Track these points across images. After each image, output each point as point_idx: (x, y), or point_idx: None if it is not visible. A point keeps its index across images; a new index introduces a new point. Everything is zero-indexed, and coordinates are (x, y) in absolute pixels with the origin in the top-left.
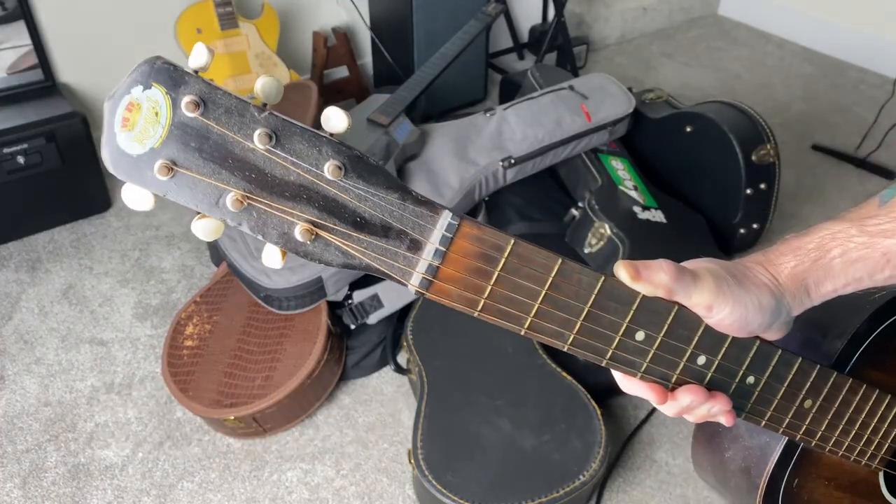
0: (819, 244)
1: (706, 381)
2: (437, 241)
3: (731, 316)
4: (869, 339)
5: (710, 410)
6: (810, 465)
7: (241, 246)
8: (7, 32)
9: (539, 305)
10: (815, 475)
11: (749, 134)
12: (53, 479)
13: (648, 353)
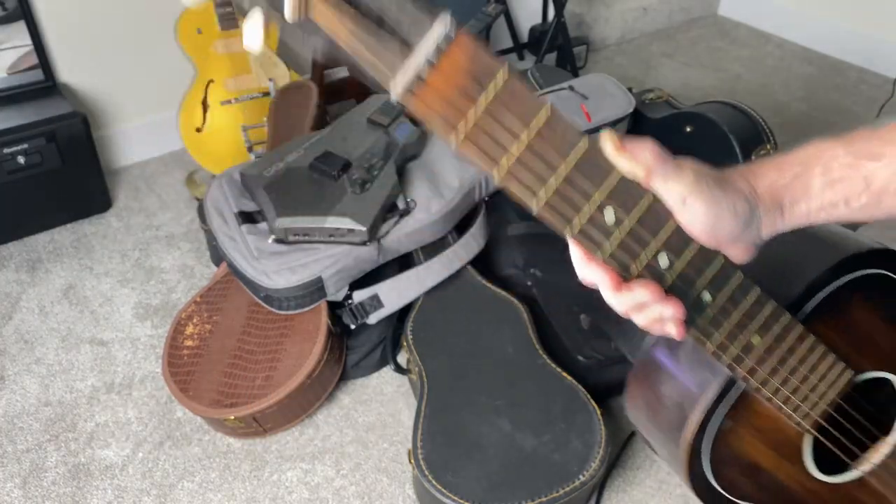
0: (803, 160)
1: (664, 285)
2: (430, 49)
3: (703, 216)
4: (826, 292)
5: (662, 313)
6: (745, 410)
7: (242, 246)
8: (7, 32)
9: (520, 151)
10: (747, 422)
11: (749, 134)
12: (54, 478)
13: (616, 237)
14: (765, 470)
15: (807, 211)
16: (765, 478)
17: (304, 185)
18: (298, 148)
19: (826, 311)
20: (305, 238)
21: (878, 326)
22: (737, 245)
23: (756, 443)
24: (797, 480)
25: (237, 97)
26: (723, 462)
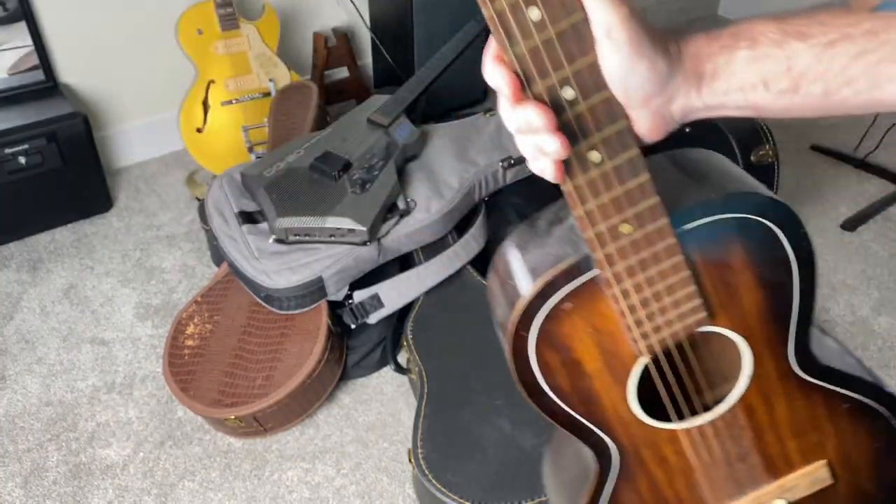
0: (734, 33)
1: (560, 118)
2: None
3: (622, 58)
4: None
5: (547, 145)
6: (589, 301)
7: (242, 246)
8: (8, 33)
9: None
10: (587, 315)
11: (748, 134)
12: (55, 478)
13: (532, 40)
14: (586, 374)
15: (725, 89)
16: (583, 382)
17: (305, 185)
18: (299, 148)
19: (705, 242)
20: (306, 238)
21: (749, 284)
22: (644, 111)
23: (588, 341)
24: (613, 402)
25: (238, 97)
26: (548, 341)
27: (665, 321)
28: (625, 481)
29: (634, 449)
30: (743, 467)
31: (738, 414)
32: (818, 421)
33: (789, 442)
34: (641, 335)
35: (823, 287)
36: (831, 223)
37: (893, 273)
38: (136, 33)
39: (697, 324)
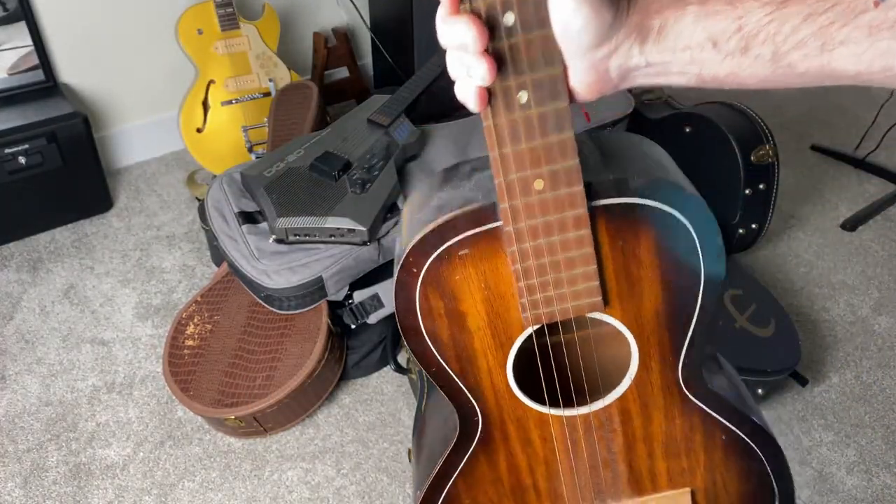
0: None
1: (493, 42)
2: None
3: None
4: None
5: (475, 67)
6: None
7: (242, 246)
8: (8, 33)
9: None
10: (481, 271)
11: (748, 134)
12: (55, 478)
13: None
14: (468, 330)
15: (672, 47)
16: (463, 338)
17: (305, 185)
18: (299, 148)
19: (617, 223)
20: (306, 238)
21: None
22: (582, 62)
23: (477, 297)
24: (489, 367)
25: (238, 98)
26: (437, 285)
27: (558, 295)
28: (484, 454)
29: (501, 422)
30: (607, 474)
31: (614, 415)
32: (693, 446)
33: (659, 461)
34: (531, 303)
35: (823, 287)
36: (831, 223)
37: (893, 273)
38: (137, 33)
39: (590, 308)
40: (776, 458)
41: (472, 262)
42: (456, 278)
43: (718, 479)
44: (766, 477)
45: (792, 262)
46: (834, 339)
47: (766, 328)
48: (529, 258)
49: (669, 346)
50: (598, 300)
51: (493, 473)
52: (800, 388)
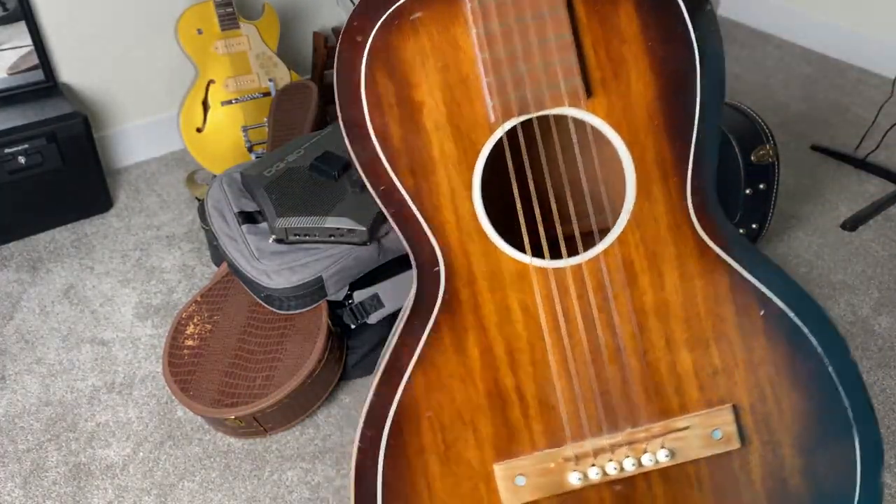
0: None
1: None
2: None
3: None
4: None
5: None
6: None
7: (242, 246)
8: (8, 33)
9: None
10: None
11: (748, 134)
12: (54, 478)
13: None
14: (423, 129)
15: None
16: (418, 139)
17: (305, 185)
18: (299, 148)
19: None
20: (306, 238)
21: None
22: None
23: (434, 80)
24: (450, 183)
25: (238, 97)
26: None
27: (530, 73)
28: (449, 330)
29: (469, 276)
30: (615, 374)
31: (614, 270)
32: (724, 327)
33: (682, 351)
34: (498, 85)
35: (823, 287)
36: (831, 223)
37: (893, 273)
38: (136, 33)
39: (571, 96)
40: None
41: (428, 32)
42: (408, 53)
43: (768, 390)
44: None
45: (792, 262)
46: None
47: None
48: (494, 19)
49: (671, 158)
50: (577, 82)
51: (462, 365)
52: None
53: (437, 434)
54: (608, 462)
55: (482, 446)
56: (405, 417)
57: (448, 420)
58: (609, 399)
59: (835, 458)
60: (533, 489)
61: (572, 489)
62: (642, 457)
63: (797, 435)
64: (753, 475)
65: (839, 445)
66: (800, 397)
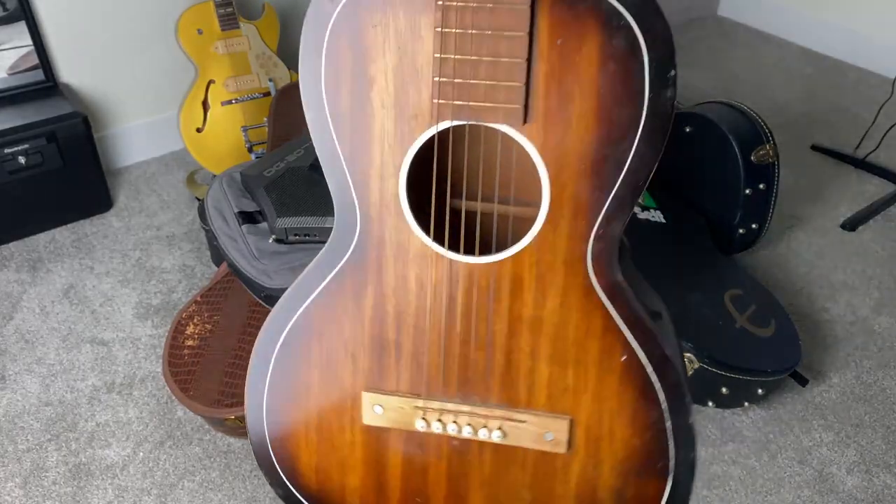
0: None
1: None
2: None
3: None
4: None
5: None
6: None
7: (242, 246)
8: (8, 33)
9: None
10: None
11: (748, 134)
12: (54, 478)
13: None
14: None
15: None
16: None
17: (305, 185)
18: (299, 148)
19: (562, 9)
20: (306, 238)
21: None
22: None
23: (389, 61)
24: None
25: (238, 97)
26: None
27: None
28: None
29: (379, 241)
30: (480, 359)
31: (503, 278)
32: (584, 357)
33: (542, 363)
34: (444, 85)
35: (823, 287)
36: (831, 223)
37: (893, 273)
38: (137, 33)
39: (508, 115)
40: (681, 419)
41: (395, 11)
42: (373, 29)
43: (606, 419)
44: (663, 440)
45: (792, 262)
46: (834, 339)
47: (766, 328)
48: (453, 21)
49: (586, 202)
50: (517, 108)
51: (356, 309)
52: (800, 388)
53: (322, 352)
54: (451, 423)
55: (356, 375)
56: (301, 330)
57: (334, 345)
58: (468, 376)
59: (643, 492)
60: (387, 419)
61: (417, 431)
62: (480, 429)
63: (619, 461)
64: (570, 477)
65: (652, 483)
66: (632, 435)
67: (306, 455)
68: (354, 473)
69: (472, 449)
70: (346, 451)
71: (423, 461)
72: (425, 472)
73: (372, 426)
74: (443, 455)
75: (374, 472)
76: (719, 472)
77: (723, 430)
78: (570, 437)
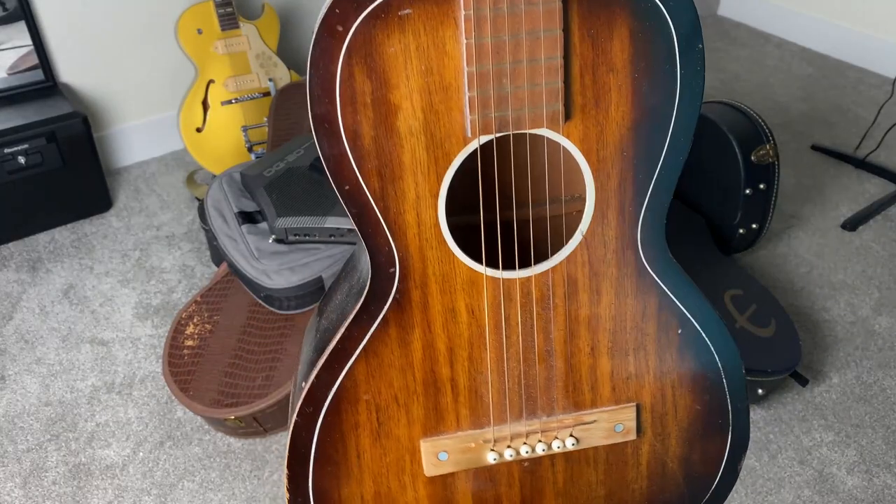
0: None
1: None
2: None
3: None
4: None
5: None
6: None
7: (242, 246)
8: (8, 33)
9: None
10: (423, 48)
11: (748, 134)
12: (54, 478)
13: None
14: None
15: None
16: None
17: (305, 185)
18: (299, 148)
19: (592, 8)
20: (305, 238)
21: (623, 92)
22: None
23: (415, 84)
24: (417, 191)
25: (237, 97)
26: (366, 56)
27: (514, 93)
28: (396, 327)
29: (423, 278)
30: (542, 373)
31: (558, 284)
32: (644, 341)
33: (603, 358)
34: (481, 100)
35: (824, 287)
36: (831, 223)
37: (893, 273)
38: (136, 33)
39: (550, 117)
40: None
41: (414, 32)
42: (391, 50)
43: (669, 394)
44: (721, 395)
45: (792, 262)
46: (834, 339)
47: (766, 328)
48: (487, 32)
49: (632, 189)
50: (558, 108)
51: (403, 357)
52: (800, 388)
53: (371, 414)
54: (522, 445)
55: (412, 425)
56: (344, 398)
57: (384, 403)
58: (532, 392)
59: (708, 450)
60: (453, 464)
61: (485, 466)
62: (553, 442)
63: (684, 430)
64: (641, 459)
65: (715, 440)
66: (694, 401)
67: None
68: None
69: (543, 464)
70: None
71: (494, 494)
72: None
73: (436, 476)
74: (514, 481)
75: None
76: None
77: None
78: (639, 422)
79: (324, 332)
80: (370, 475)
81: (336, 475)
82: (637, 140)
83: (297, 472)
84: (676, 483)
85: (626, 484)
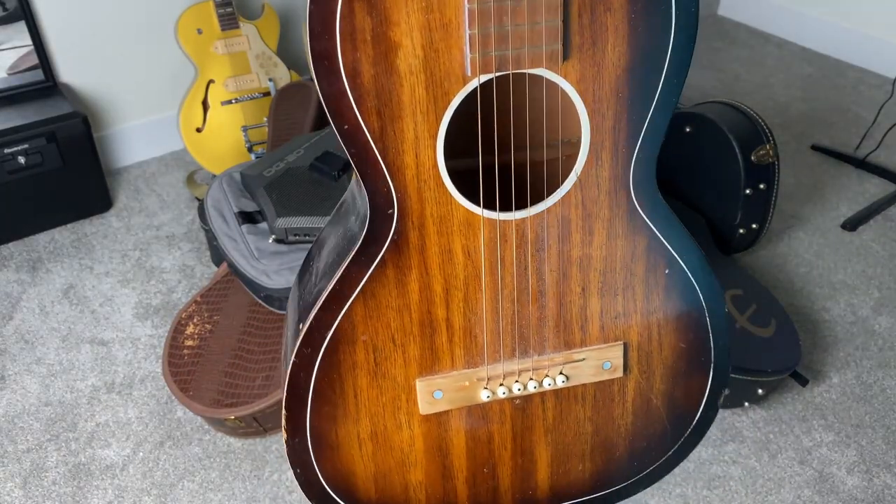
0: None
1: None
2: None
3: None
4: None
5: None
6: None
7: (242, 246)
8: (8, 33)
9: None
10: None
11: (748, 134)
12: (54, 478)
13: None
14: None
15: None
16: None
17: (305, 185)
18: (298, 148)
19: None
20: (306, 238)
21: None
22: None
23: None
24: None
25: (237, 97)
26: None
27: (514, 33)
28: (394, 268)
29: (420, 220)
30: (535, 313)
31: (552, 225)
32: (632, 281)
33: (593, 298)
34: (482, 38)
35: (823, 287)
36: (831, 223)
37: (893, 273)
38: (136, 33)
39: (549, 57)
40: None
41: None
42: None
43: (654, 333)
44: (704, 334)
45: (792, 262)
46: (834, 339)
47: (766, 328)
48: None
49: (626, 129)
50: (557, 47)
51: (400, 298)
52: (800, 388)
53: (369, 354)
54: (514, 383)
55: (408, 365)
56: (342, 339)
57: (381, 343)
58: (524, 332)
59: (690, 386)
60: (448, 402)
61: (478, 404)
62: (543, 380)
63: (669, 367)
64: (627, 396)
65: (697, 377)
66: (679, 339)
67: (362, 468)
68: (417, 468)
69: (534, 401)
70: (406, 449)
71: (486, 431)
72: (490, 441)
73: (431, 414)
74: (506, 418)
75: (437, 460)
76: (719, 473)
77: (723, 431)
78: (626, 360)
79: (321, 276)
80: (367, 414)
81: (333, 415)
82: (632, 81)
83: (295, 413)
84: (660, 419)
85: (613, 420)
